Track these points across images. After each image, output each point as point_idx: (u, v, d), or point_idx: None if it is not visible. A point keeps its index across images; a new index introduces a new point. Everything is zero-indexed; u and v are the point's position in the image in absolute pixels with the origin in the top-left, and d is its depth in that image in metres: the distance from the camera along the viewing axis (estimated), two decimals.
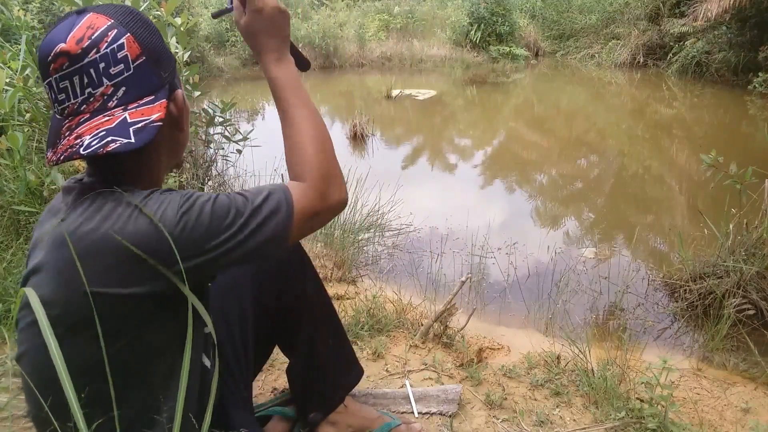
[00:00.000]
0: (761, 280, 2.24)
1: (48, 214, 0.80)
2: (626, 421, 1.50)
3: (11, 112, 2.44)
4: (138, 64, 0.76)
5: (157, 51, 0.79)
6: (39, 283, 0.73)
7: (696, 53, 9.10)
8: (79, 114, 0.74)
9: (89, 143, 0.71)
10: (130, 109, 0.75)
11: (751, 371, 1.99)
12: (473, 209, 3.55)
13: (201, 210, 0.73)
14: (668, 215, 3.82)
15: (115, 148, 0.71)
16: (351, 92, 9.13)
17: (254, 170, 3.82)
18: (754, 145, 5.56)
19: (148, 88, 0.77)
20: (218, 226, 0.74)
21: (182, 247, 0.71)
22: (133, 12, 0.78)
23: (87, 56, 0.72)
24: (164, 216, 0.72)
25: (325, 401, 1.31)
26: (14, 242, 2.22)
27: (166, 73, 0.81)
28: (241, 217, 0.75)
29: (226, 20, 11.03)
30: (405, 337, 1.96)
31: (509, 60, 11.63)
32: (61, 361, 0.64)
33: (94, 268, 0.70)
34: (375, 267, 2.83)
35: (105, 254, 0.70)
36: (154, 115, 0.76)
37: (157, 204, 0.73)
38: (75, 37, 0.72)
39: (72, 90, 0.74)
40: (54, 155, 0.74)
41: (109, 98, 0.75)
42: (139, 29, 0.77)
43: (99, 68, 0.73)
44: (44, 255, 0.74)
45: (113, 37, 0.74)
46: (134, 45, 0.75)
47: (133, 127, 0.74)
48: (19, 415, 1.43)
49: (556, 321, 2.38)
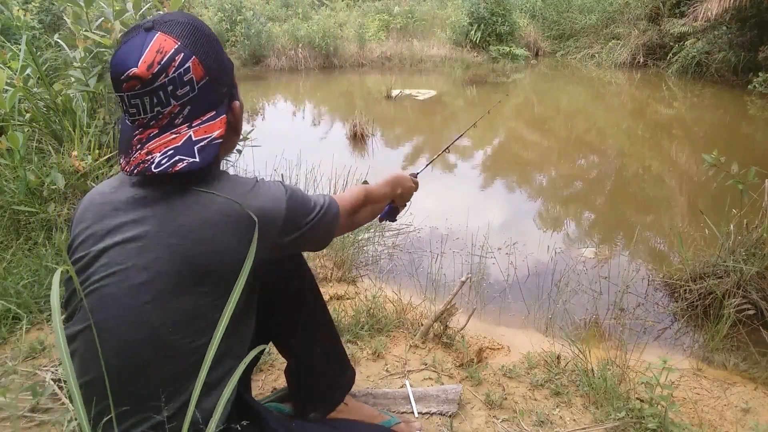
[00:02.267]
0: (761, 280, 2.24)
1: (116, 194, 0.88)
2: (626, 421, 1.50)
3: (11, 112, 2.44)
4: (202, 85, 0.85)
5: (218, 70, 0.88)
6: (136, 252, 0.83)
7: (696, 53, 9.10)
8: (149, 128, 0.84)
9: (159, 161, 0.82)
10: (194, 126, 0.86)
11: (751, 371, 1.98)
12: (473, 209, 3.55)
13: (297, 195, 0.95)
14: (668, 215, 3.82)
15: (182, 168, 0.82)
16: (351, 92, 9.12)
17: (254, 170, 3.82)
18: (754, 145, 5.56)
19: (210, 104, 0.88)
20: (306, 208, 0.97)
21: (290, 220, 0.92)
22: (197, 29, 0.86)
23: (157, 81, 0.81)
24: (276, 198, 0.91)
25: (325, 401, 1.32)
26: (14, 242, 2.22)
27: (225, 87, 0.91)
28: (317, 205, 0.99)
29: (226, 20, 11.04)
30: (405, 337, 1.96)
31: (509, 60, 11.62)
32: (166, 317, 0.83)
33: (223, 231, 0.84)
34: (375, 267, 2.83)
35: (233, 221, 0.84)
36: (216, 131, 0.87)
37: (266, 188, 0.92)
38: (146, 63, 0.80)
39: (143, 107, 0.83)
40: (128, 166, 0.84)
41: (176, 116, 0.84)
42: (204, 49, 0.86)
43: (168, 91, 0.82)
44: (149, 226, 0.84)
45: (180, 61, 0.82)
46: (199, 68, 0.84)
47: (197, 145, 0.84)
48: (19, 415, 1.43)
49: (556, 321, 2.37)
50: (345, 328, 1.94)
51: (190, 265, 0.82)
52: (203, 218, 0.83)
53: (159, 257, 0.82)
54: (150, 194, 0.86)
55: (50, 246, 2.18)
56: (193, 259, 0.83)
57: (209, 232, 0.83)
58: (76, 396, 0.68)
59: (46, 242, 2.20)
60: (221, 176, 0.89)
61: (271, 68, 10.60)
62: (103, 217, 0.87)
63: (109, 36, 2.55)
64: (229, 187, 0.88)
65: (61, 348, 0.70)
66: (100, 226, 0.86)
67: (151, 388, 0.83)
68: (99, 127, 2.60)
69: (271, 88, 9.29)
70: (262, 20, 11.10)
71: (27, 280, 1.98)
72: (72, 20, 2.68)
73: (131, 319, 0.82)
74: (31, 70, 2.73)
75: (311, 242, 1.02)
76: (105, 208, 0.88)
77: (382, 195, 1.26)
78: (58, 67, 3.69)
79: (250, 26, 10.54)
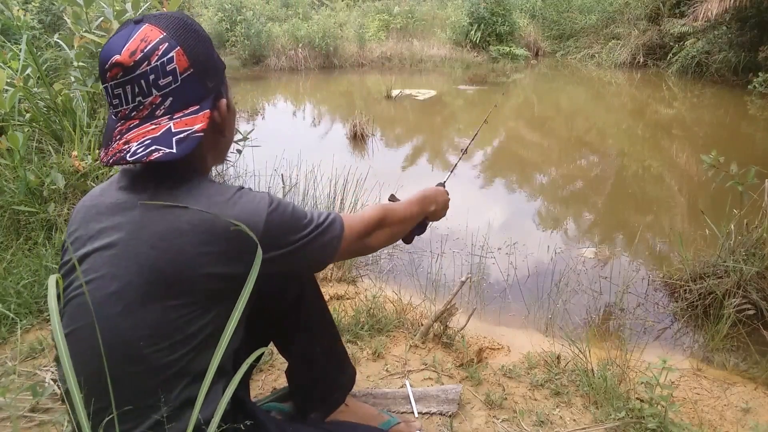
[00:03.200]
0: (761, 280, 2.24)
1: (103, 198, 0.87)
2: (626, 421, 1.50)
3: (11, 112, 2.44)
4: (185, 77, 0.82)
5: (205, 63, 0.85)
6: (109, 260, 0.80)
7: (696, 53, 9.10)
8: (130, 119, 0.82)
9: (135, 150, 0.79)
10: (175, 118, 0.82)
11: (751, 371, 1.98)
12: (473, 209, 3.54)
13: (285, 210, 0.87)
14: (668, 215, 3.82)
15: (158, 157, 0.78)
16: (351, 92, 9.12)
17: (254, 170, 3.82)
18: (754, 145, 5.56)
19: (193, 98, 0.84)
20: (297, 224, 0.88)
21: (271, 236, 0.84)
22: (186, 23, 0.84)
23: (139, 68, 0.79)
24: (257, 210, 0.83)
25: (325, 401, 1.31)
26: (14, 242, 2.22)
27: (212, 83, 0.87)
28: (313, 222, 0.90)
29: (226, 20, 11.04)
30: (405, 337, 1.96)
31: (509, 60, 11.63)
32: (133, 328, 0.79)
33: (192, 243, 0.79)
34: (375, 267, 2.83)
35: (202, 232, 0.79)
36: (197, 125, 0.83)
37: (248, 199, 0.84)
38: (129, 50, 0.78)
39: (124, 97, 0.81)
40: (105, 156, 0.82)
41: (157, 107, 0.81)
42: (190, 42, 0.83)
43: (149, 80, 0.80)
44: (123, 233, 0.81)
45: (164, 50, 0.80)
46: (183, 58, 0.81)
47: (176, 137, 0.81)
48: (19, 415, 1.43)
49: (556, 321, 2.37)
50: (345, 328, 1.94)
51: (158, 276, 0.79)
52: (174, 227, 0.79)
53: (128, 266, 0.79)
54: (129, 199, 0.84)
55: (50, 246, 2.18)
56: (161, 270, 0.79)
57: (178, 241, 0.79)
58: (76, 399, 0.67)
59: (46, 242, 2.20)
60: (201, 182, 0.85)
61: (271, 68, 10.60)
62: (89, 221, 0.86)
63: (109, 36, 2.55)
64: (206, 194, 0.83)
65: (61, 350, 0.69)
66: (84, 230, 0.85)
67: (125, 402, 0.78)
68: (99, 127, 2.61)
69: (271, 88, 9.29)
70: (262, 20, 11.11)
71: (27, 280, 1.98)
72: (72, 20, 2.68)
73: (104, 330, 0.77)
74: (31, 70, 2.73)
75: (303, 262, 0.92)
76: (91, 212, 0.87)
77: (408, 215, 1.13)
78: (58, 67, 3.69)
79: (250, 26, 10.54)
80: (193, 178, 0.85)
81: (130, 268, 0.79)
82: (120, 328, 0.79)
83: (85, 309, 0.79)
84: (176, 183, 0.84)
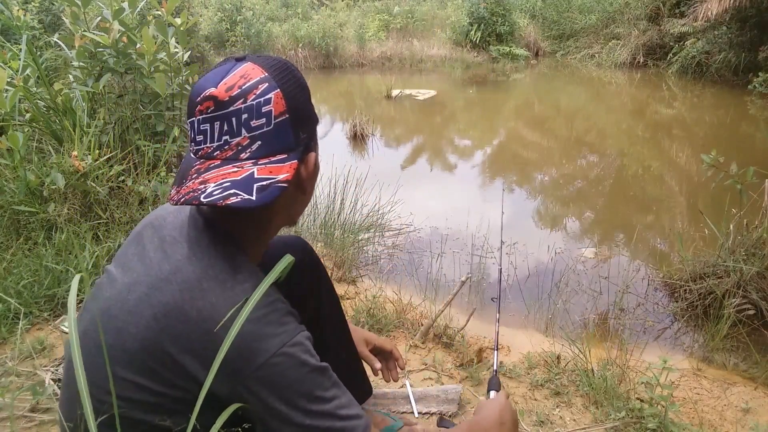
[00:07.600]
0: (761, 280, 2.24)
1: (169, 226, 0.81)
2: (626, 421, 1.50)
3: (11, 112, 2.44)
4: (279, 121, 0.75)
5: (301, 111, 0.79)
6: (116, 302, 0.75)
7: (696, 53, 9.10)
8: (211, 159, 0.75)
9: (212, 191, 0.71)
10: (260, 164, 0.74)
11: (751, 371, 1.98)
12: (473, 209, 3.54)
13: (314, 371, 0.75)
14: (668, 215, 3.82)
15: (235, 202, 0.70)
16: (351, 92, 9.13)
17: None
18: (754, 145, 5.56)
19: (283, 146, 0.77)
20: (314, 393, 0.74)
21: (266, 382, 0.71)
22: (289, 68, 0.79)
23: (233, 105, 0.73)
24: (270, 346, 0.71)
25: None
26: (14, 242, 2.22)
27: (305, 134, 0.80)
28: (331, 402, 0.76)
29: (226, 20, 11.04)
30: (405, 337, 1.96)
31: (509, 60, 11.63)
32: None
33: (182, 329, 0.71)
34: (375, 267, 2.83)
35: (197, 323, 0.71)
36: (282, 175, 0.75)
37: (276, 328, 0.73)
38: (226, 84, 0.73)
39: (211, 134, 0.74)
40: (176, 195, 0.74)
41: (243, 149, 0.74)
42: (290, 87, 0.77)
43: (241, 119, 0.73)
44: (132, 279, 0.76)
45: (262, 90, 0.74)
46: (281, 102, 0.75)
47: (258, 184, 0.72)
48: (19, 415, 1.43)
49: (556, 321, 2.37)
50: None
51: (138, 353, 0.72)
52: (180, 308, 0.72)
53: (121, 324, 0.74)
54: (170, 243, 0.78)
55: (50, 246, 2.18)
56: (145, 348, 0.72)
57: (178, 328, 0.71)
58: (85, 400, 0.65)
59: (46, 242, 2.20)
60: (250, 271, 0.76)
61: None
62: (132, 242, 0.83)
63: (108, 35, 2.55)
64: (239, 289, 0.73)
65: (74, 353, 0.66)
66: (124, 248, 0.83)
67: None
68: (99, 127, 2.60)
69: None
70: (262, 20, 11.12)
71: (27, 280, 1.98)
72: (70, 20, 2.68)
73: (91, 378, 0.69)
74: (31, 70, 2.73)
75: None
76: (144, 232, 0.83)
77: None
78: (58, 67, 3.69)
79: (250, 26, 10.55)
80: (242, 254, 0.79)
81: (121, 329, 0.74)
82: (104, 383, 0.72)
83: (83, 339, 0.75)
84: (224, 252, 0.77)
